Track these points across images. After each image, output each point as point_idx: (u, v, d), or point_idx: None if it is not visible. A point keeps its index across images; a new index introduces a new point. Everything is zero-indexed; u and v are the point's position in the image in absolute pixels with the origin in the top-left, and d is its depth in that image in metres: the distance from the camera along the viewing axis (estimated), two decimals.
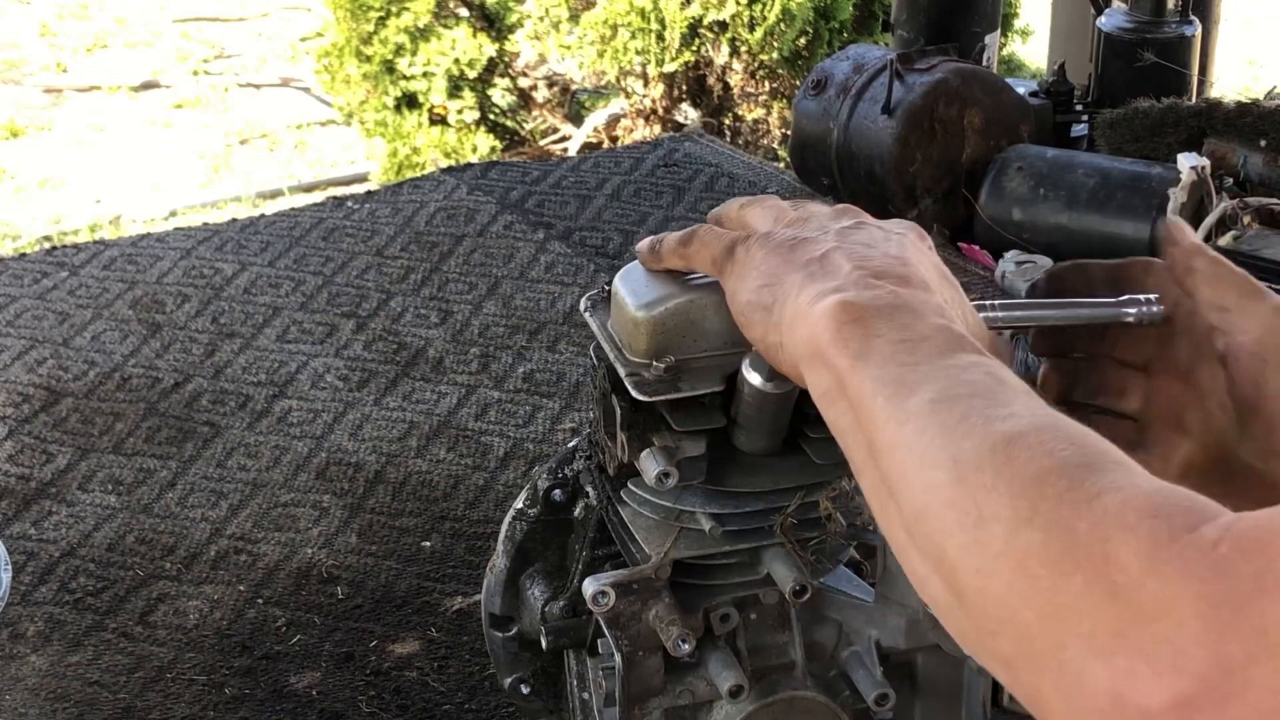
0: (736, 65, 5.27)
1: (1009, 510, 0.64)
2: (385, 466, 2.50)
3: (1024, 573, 0.62)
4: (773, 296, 0.86)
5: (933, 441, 0.69)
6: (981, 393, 0.71)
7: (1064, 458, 0.64)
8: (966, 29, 3.93)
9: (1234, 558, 0.56)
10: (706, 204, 3.49)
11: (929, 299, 0.82)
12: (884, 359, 0.75)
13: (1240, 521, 0.58)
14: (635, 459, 1.03)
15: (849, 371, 0.76)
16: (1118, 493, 0.61)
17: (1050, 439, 0.66)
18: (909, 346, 0.75)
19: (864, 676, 1.12)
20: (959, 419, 0.69)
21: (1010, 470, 0.65)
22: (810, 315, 0.81)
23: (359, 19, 5.34)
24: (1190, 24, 3.72)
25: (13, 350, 2.88)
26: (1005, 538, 0.63)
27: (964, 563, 0.65)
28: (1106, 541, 0.59)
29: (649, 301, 1.00)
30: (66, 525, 2.36)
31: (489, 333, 2.93)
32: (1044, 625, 0.61)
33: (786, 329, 0.84)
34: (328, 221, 3.42)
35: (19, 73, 7.49)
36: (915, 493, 0.69)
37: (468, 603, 2.16)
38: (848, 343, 0.77)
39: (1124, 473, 0.63)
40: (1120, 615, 0.58)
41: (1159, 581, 0.57)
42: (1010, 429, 0.67)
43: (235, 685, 2.01)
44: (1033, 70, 6.62)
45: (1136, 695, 0.57)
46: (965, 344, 0.76)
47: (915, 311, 0.79)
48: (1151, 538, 0.58)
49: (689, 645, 1.06)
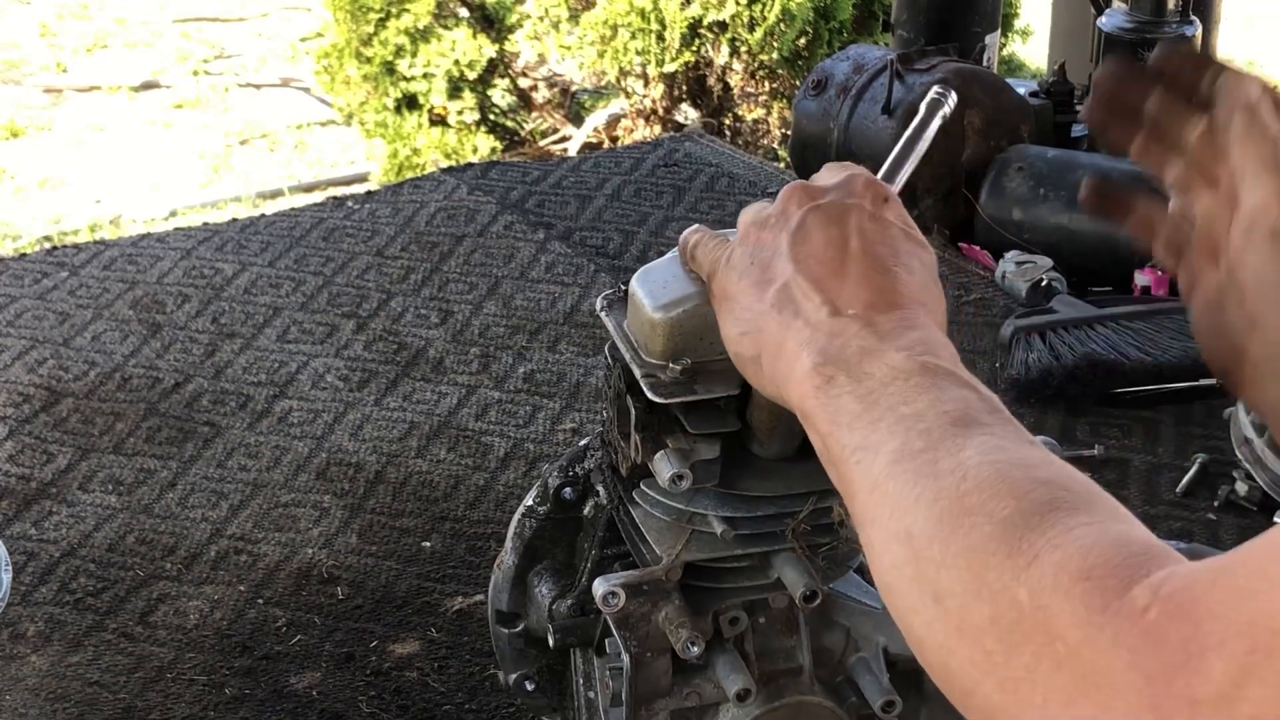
0: (736, 65, 5.27)
1: (960, 585, 0.65)
2: (385, 467, 2.50)
3: (980, 648, 0.63)
4: (756, 347, 0.88)
5: (891, 515, 0.70)
6: (935, 442, 0.71)
7: (1004, 519, 0.64)
8: (966, 29, 3.92)
9: (1163, 624, 0.57)
10: (706, 204, 3.49)
11: (891, 319, 0.82)
12: (852, 418, 0.77)
13: (1169, 580, 0.58)
14: (649, 460, 1.03)
15: (829, 437, 0.78)
16: (1054, 553, 0.61)
17: (991, 498, 0.66)
18: (872, 400, 0.76)
19: (871, 683, 1.12)
20: (911, 482, 0.70)
21: (956, 542, 0.65)
22: (792, 379, 0.83)
23: (359, 20, 5.33)
24: (1190, 24, 3.71)
25: (13, 350, 2.88)
26: (960, 614, 0.64)
27: (929, 640, 0.67)
28: (1046, 610, 0.60)
29: (666, 303, 1.00)
30: (67, 525, 2.36)
31: (489, 333, 2.93)
32: (1004, 697, 0.62)
33: (779, 389, 0.85)
34: (328, 222, 3.42)
35: (19, 73, 7.48)
36: (884, 569, 0.71)
37: (468, 603, 2.16)
38: (823, 406, 0.79)
39: (1062, 526, 0.63)
40: (1066, 685, 0.59)
41: (1094, 652, 0.58)
42: (955, 489, 0.67)
43: (235, 685, 2.01)
44: (1033, 70, 6.62)
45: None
46: (926, 370, 0.77)
47: (878, 352, 0.79)
48: (1085, 603, 0.59)
49: (698, 648, 1.06)
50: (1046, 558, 0.61)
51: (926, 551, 0.67)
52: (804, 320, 0.84)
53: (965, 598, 0.64)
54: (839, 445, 0.77)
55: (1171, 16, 3.69)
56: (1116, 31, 3.70)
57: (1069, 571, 0.60)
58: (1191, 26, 3.71)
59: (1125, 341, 2.69)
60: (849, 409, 0.77)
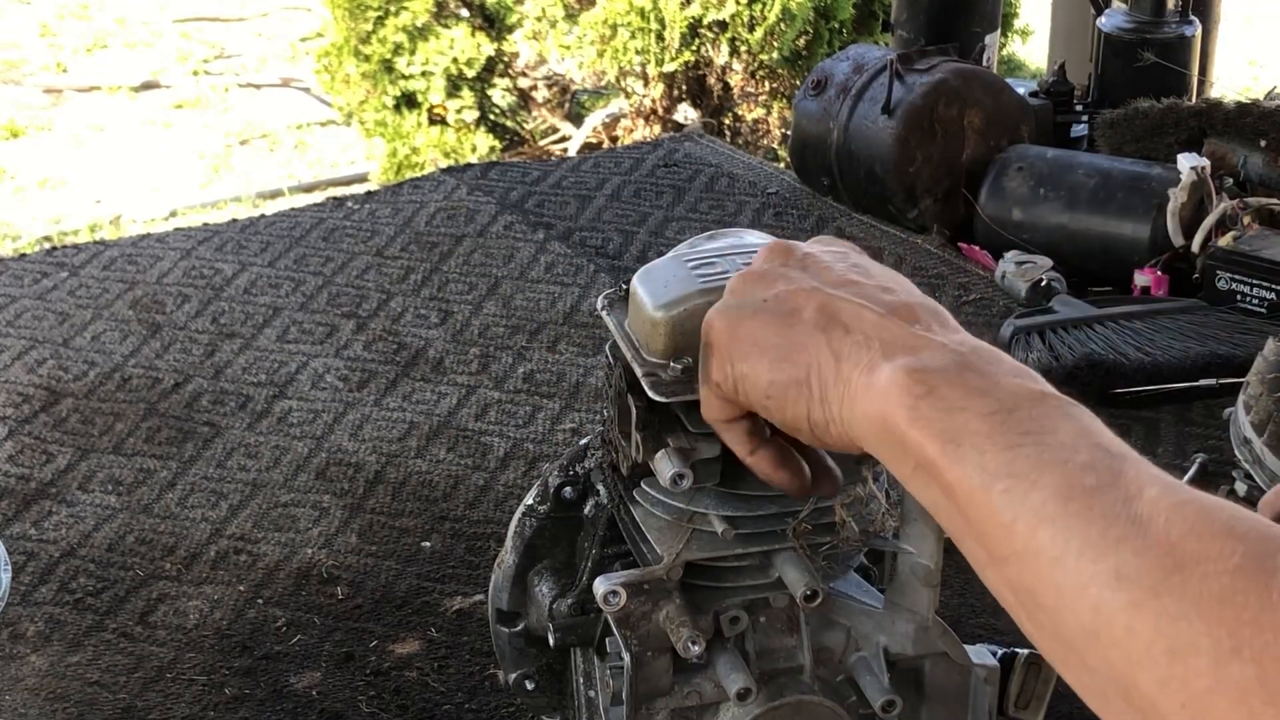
0: (736, 65, 5.27)
1: (1207, 641, 0.60)
2: (385, 467, 2.50)
3: (1245, 709, 0.59)
4: (802, 369, 0.82)
5: (1083, 553, 0.65)
6: (1106, 481, 0.67)
7: (1237, 565, 0.61)
8: (966, 29, 3.93)
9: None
10: (706, 204, 3.49)
11: (966, 336, 0.78)
12: (980, 441, 0.71)
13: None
14: (650, 459, 1.02)
15: (941, 457, 0.72)
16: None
17: (1211, 542, 0.62)
18: (1000, 421, 0.71)
19: (871, 682, 1.12)
20: (1101, 522, 0.65)
21: (1189, 591, 0.61)
22: (871, 390, 0.77)
23: (357, 18, 5.34)
24: (1190, 24, 3.71)
25: (13, 350, 2.88)
26: (1212, 672, 0.60)
27: (1166, 700, 0.61)
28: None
29: (667, 302, 1.00)
30: (66, 525, 2.35)
31: (489, 333, 2.92)
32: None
33: (839, 407, 0.80)
34: (328, 222, 3.42)
35: (19, 73, 7.49)
36: (1080, 613, 0.65)
37: (468, 603, 2.16)
38: (930, 422, 0.73)
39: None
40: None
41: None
42: (1165, 534, 0.63)
43: (235, 685, 2.01)
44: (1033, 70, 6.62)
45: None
46: (1046, 399, 0.73)
47: (981, 370, 0.75)
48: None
49: (699, 647, 1.06)
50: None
51: (1151, 601, 0.62)
52: (863, 334, 0.79)
53: (1218, 655, 0.59)
54: (963, 469, 0.71)
55: (1171, 16, 3.69)
56: (1116, 31, 3.70)
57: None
58: (1191, 26, 3.71)
59: (1125, 341, 2.69)
60: (972, 429, 0.71)
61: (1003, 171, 3.25)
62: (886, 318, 0.80)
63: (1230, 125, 3.22)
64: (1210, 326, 2.75)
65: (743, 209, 3.47)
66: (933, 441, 0.73)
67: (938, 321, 0.81)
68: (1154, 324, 2.75)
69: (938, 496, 0.73)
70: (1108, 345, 2.67)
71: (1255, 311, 2.82)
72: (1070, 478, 0.67)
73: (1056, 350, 2.65)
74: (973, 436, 0.71)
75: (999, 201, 3.23)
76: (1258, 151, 3.19)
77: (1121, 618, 0.63)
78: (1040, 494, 0.67)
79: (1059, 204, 3.14)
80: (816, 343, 0.81)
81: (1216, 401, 2.57)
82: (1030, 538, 0.67)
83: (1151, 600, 0.62)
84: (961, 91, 3.31)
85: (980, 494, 0.70)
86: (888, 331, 0.79)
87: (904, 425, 0.74)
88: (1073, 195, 3.13)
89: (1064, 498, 0.67)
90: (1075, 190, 3.14)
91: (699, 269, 1.03)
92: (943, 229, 3.30)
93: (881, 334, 0.79)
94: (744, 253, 1.05)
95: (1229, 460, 2.37)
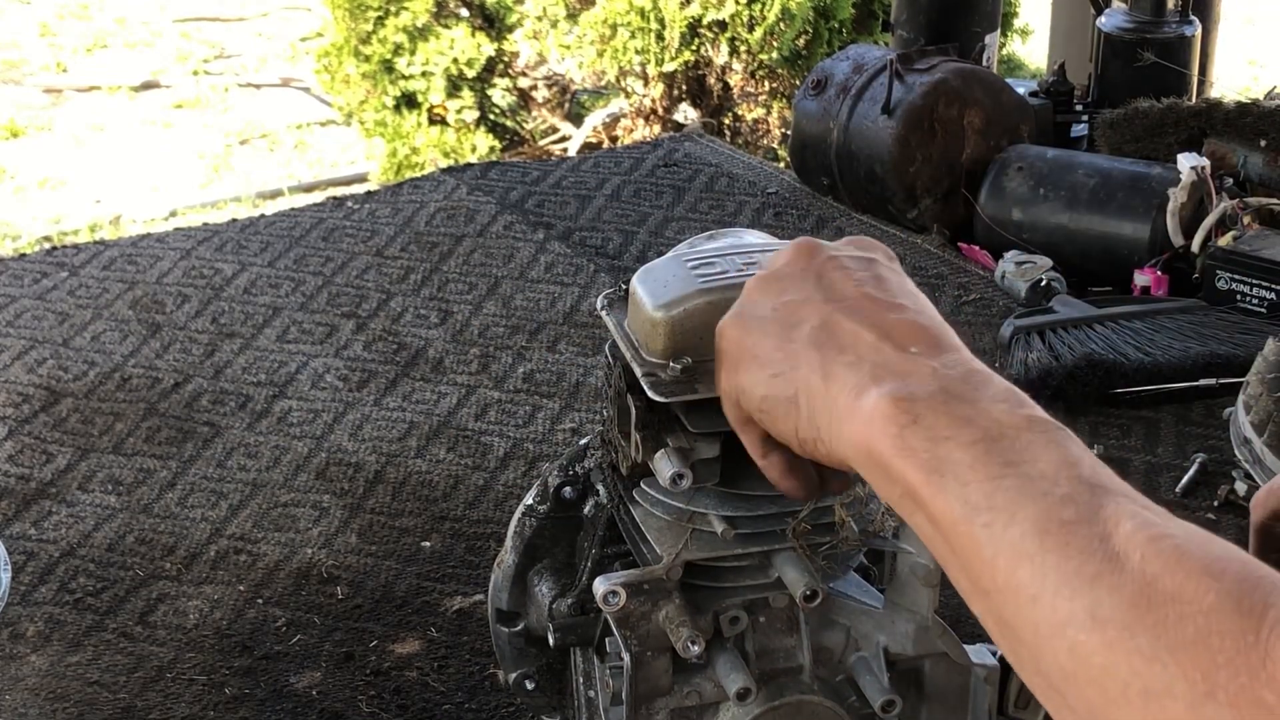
0: (736, 65, 5.27)
1: (1182, 684, 0.60)
2: (385, 466, 2.50)
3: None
4: (793, 386, 0.82)
5: (1059, 591, 0.65)
6: (1085, 514, 0.66)
7: (1212, 606, 0.60)
8: (966, 29, 3.93)
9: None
10: (706, 204, 3.49)
11: (960, 358, 0.78)
12: (963, 472, 0.71)
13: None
14: (649, 459, 1.02)
15: (925, 486, 0.72)
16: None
17: (1186, 580, 0.62)
18: (983, 451, 0.71)
19: (871, 682, 1.12)
20: (1078, 558, 0.65)
21: (1165, 634, 0.61)
22: (857, 415, 0.77)
23: (357, 18, 5.34)
24: (1190, 24, 3.72)
25: (13, 350, 2.88)
26: (1188, 715, 0.60)
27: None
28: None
29: (667, 302, 1.00)
30: (66, 525, 2.35)
31: (489, 333, 2.93)
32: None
33: (826, 427, 0.80)
34: (328, 221, 3.42)
35: (19, 73, 7.48)
36: (1059, 652, 0.65)
37: (468, 603, 2.16)
38: (914, 452, 0.73)
39: (1277, 607, 0.59)
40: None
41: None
42: (1140, 571, 0.63)
43: (235, 685, 2.01)
44: (1033, 70, 6.62)
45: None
46: (1032, 426, 0.72)
47: (967, 398, 0.74)
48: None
49: (699, 647, 1.06)
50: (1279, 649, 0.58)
51: (1126, 640, 0.61)
52: (855, 355, 0.79)
53: (1194, 698, 0.59)
54: (946, 500, 0.71)
55: (1171, 16, 3.69)
56: (1116, 31, 3.70)
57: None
58: (1191, 26, 3.71)
59: (1125, 341, 2.69)
60: (955, 459, 0.71)
61: (1003, 171, 3.25)
62: (882, 340, 0.79)
63: (1230, 125, 3.22)
64: (1210, 326, 2.76)
65: (743, 209, 3.47)
66: (917, 471, 0.72)
67: (936, 343, 0.79)
68: (1154, 324, 2.75)
69: (923, 524, 0.73)
70: (1108, 345, 2.67)
71: (1255, 311, 2.82)
72: (1049, 511, 0.67)
73: (1056, 350, 2.65)
74: (955, 467, 0.71)
75: (999, 201, 3.23)
76: (1258, 151, 3.19)
77: (1097, 658, 0.63)
78: (1019, 528, 0.67)
79: (1059, 204, 3.14)
80: (810, 361, 0.81)
81: (1216, 401, 2.57)
82: (1010, 574, 0.67)
83: (1126, 640, 0.62)
84: (961, 91, 3.31)
85: (963, 526, 0.70)
86: (880, 354, 0.78)
87: (889, 454, 0.74)
88: (1073, 195, 3.13)
89: (1041, 532, 0.66)
90: (1075, 190, 3.14)
91: (699, 269, 1.03)
92: (943, 229, 3.30)
93: (874, 356, 0.78)
94: (744, 253, 1.05)
95: (1229, 460, 2.37)
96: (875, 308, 0.82)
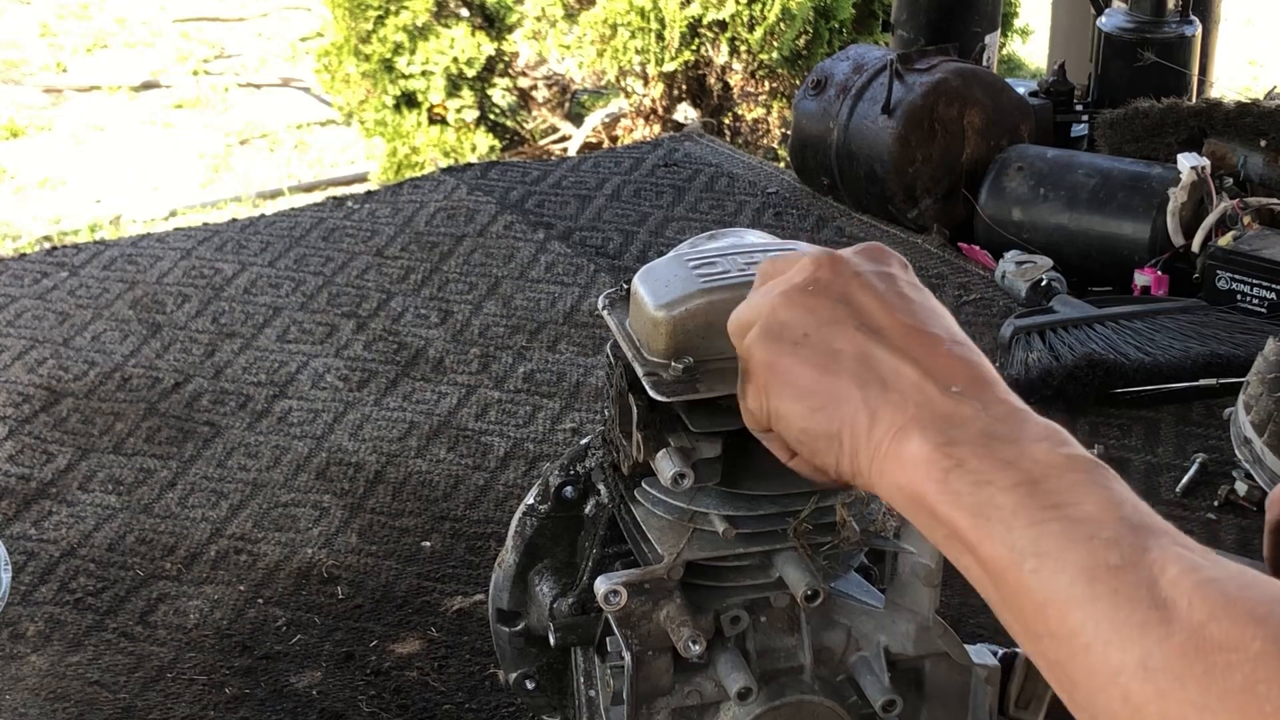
0: (736, 65, 5.27)
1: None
2: (385, 466, 2.50)
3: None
4: (835, 423, 0.82)
5: (1110, 640, 0.66)
6: (1131, 558, 0.67)
7: (1259, 652, 0.61)
8: (966, 29, 3.93)
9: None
10: (706, 204, 3.49)
11: (998, 394, 0.78)
12: (1007, 515, 0.71)
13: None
14: (651, 459, 1.02)
15: (971, 531, 0.73)
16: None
17: (1232, 626, 0.63)
18: (1026, 493, 0.72)
19: (872, 682, 1.12)
20: (1127, 606, 0.66)
21: (1214, 683, 0.62)
22: (901, 459, 0.77)
23: (357, 17, 5.34)
24: (1190, 24, 3.72)
25: (13, 350, 2.88)
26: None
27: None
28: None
29: (669, 302, 1.00)
30: (66, 525, 2.35)
31: (489, 333, 2.93)
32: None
33: (868, 466, 0.80)
34: (328, 221, 3.42)
35: (19, 73, 7.48)
36: (1112, 700, 0.66)
37: (468, 602, 2.16)
38: (959, 496, 0.74)
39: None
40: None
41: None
42: (1189, 618, 0.64)
43: (235, 685, 2.01)
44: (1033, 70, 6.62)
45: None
46: (1074, 466, 0.73)
47: (1009, 439, 0.75)
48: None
49: (700, 646, 1.06)
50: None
51: (1178, 691, 0.63)
52: (900, 394, 0.79)
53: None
54: (993, 545, 0.71)
55: (1171, 16, 3.69)
56: (1116, 31, 3.70)
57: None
58: (1191, 26, 3.71)
59: (1125, 341, 2.69)
60: (999, 504, 0.72)
61: (1003, 171, 3.25)
62: (925, 379, 0.79)
63: (1230, 125, 3.22)
64: (1210, 326, 2.75)
65: (743, 209, 3.47)
66: (962, 516, 0.73)
67: (976, 380, 0.80)
68: (1154, 324, 2.75)
69: (971, 565, 0.74)
70: (1108, 345, 2.67)
71: (1255, 311, 2.82)
72: (1095, 555, 0.68)
73: (1057, 350, 2.65)
74: (999, 511, 0.72)
75: (999, 201, 3.23)
76: (1258, 151, 3.19)
77: (1151, 707, 0.64)
78: (1067, 575, 0.68)
79: (1059, 204, 3.14)
80: (853, 399, 0.81)
81: (1216, 401, 2.57)
82: (1061, 621, 0.68)
83: (1178, 690, 0.63)
84: (961, 91, 3.31)
85: (1012, 572, 0.71)
86: (923, 394, 0.79)
87: (933, 499, 0.75)
88: (1073, 195, 3.13)
89: (1090, 578, 0.67)
90: (1075, 190, 3.14)
91: (700, 268, 1.03)
92: (943, 229, 3.30)
93: (917, 396, 0.79)
94: (745, 252, 1.05)
95: (1229, 460, 2.37)
96: (914, 340, 0.82)
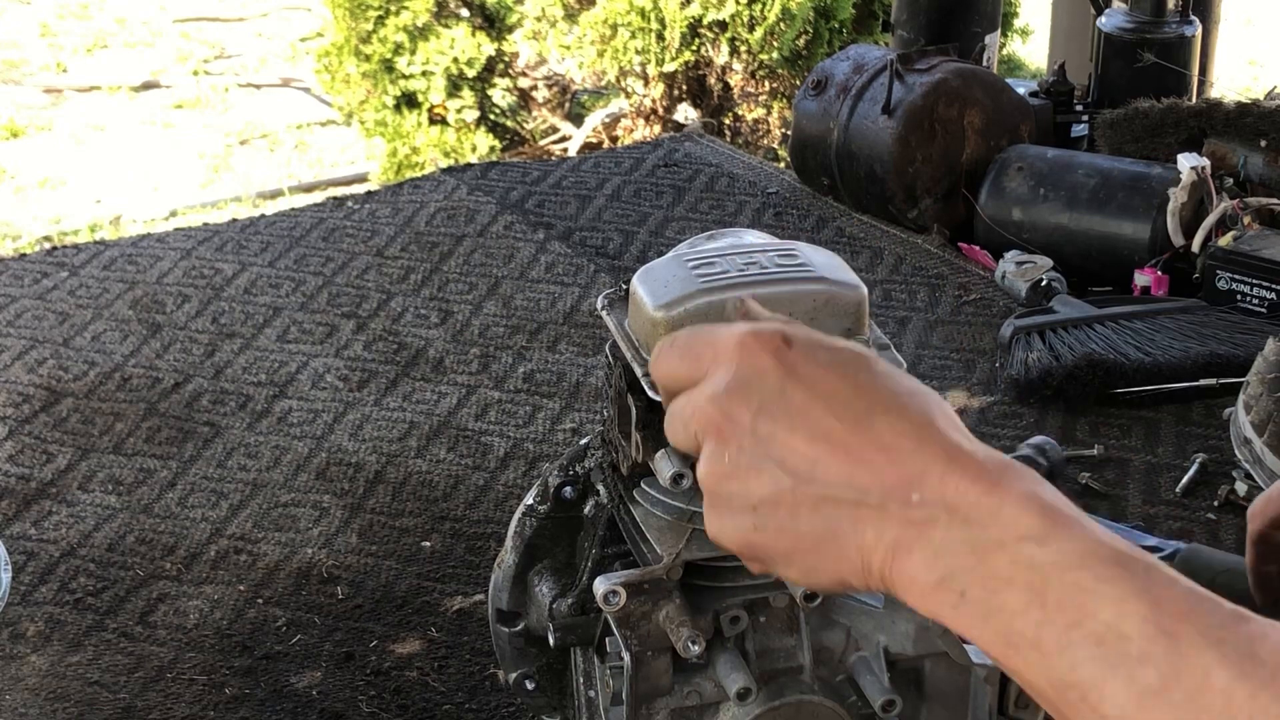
0: (736, 65, 5.27)
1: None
2: (385, 466, 2.50)
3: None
4: (831, 574, 0.78)
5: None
6: (1170, 672, 0.67)
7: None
8: (966, 29, 3.93)
9: None
10: (706, 204, 3.49)
11: (975, 484, 0.74)
12: (1030, 645, 0.70)
13: None
14: (650, 459, 1.02)
15: (1005, 660, 0.72)
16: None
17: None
18: (1038, 615, 0.70)
19: (871, 682, 1.12)
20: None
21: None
22: (910, 591, 0.75)
23: (358, 18, 5.34)
24: (1190, 24, 3.72)
25: (13, 350, 2.88)
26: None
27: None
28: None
29: (668, 302, 1.00)
30: (66, 525, 2.36)
31: (489, 333, 2.93)
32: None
33: (865, 573, 0.77)
34: (328, 221, 3.42)
35: (19, 73, 7.49)
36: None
37: (468, 603, 2.16)
38: (977, 626, 0.73)
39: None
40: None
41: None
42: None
43: (235, 685, 2.01)
44: (1033, 70, 6.62)
45: None
46: (1084, 565, 0.71)
47: (1000, 545, 0.72)
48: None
49: (699, 646, 1.06)
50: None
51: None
52: (874, 531, 0.75)
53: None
54: (1031, 674, 0.71)
55: (1171, 16, 3.69)
56: (1116, 31, 3.70)
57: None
58: (1191, 26, 3.71)
59: (1125, 341, 2.69)
60: (1018, 629, 0.71)
61: (1003, 171, 3.25)
62: (886, 498, 0.75)
63: (1230, 125, 3.22)
64: (1210, 326, 2.75)
65: (743, 209, 3.47)
66: (988, 646, 0.73)
67: (923, 468, 0.75)
68: (1154, 324, 2.75)
69: (1030, 683, 0.73)
70: (1108, 345, 2.67)
71: (1255, 311, 2.82)
72: (1133, 678, 0.67)
73: (1057, 350, 2.65)
74: (1020, 639, 0.71)
75: (999, 201, 3.23)
76: (1258, 151, 3.19)
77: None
78: (1109, 703, 0.68)
79: (1059, 204, 3.14)
80: (833, 553, 0.78)
81: (1216, 401, 2.57)
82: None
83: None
84: (961, 91, 3.31)
85: (1053, 694, 0.70)
86: (889, 532, 0.75)
87: (955, 628, 0.74)
88: (1073, 195, 3.13)
89: (1138, 705, 0.67)
90: (1075, 190, 3.14)
91: (699, 269, 1.03)
92: (943, 229, 3.30)
93: (884, 535, 0.75)
94: (744, 252, 1.05)
95: (1229, 460, 2.37)
96: (868, 446, 0.76)
